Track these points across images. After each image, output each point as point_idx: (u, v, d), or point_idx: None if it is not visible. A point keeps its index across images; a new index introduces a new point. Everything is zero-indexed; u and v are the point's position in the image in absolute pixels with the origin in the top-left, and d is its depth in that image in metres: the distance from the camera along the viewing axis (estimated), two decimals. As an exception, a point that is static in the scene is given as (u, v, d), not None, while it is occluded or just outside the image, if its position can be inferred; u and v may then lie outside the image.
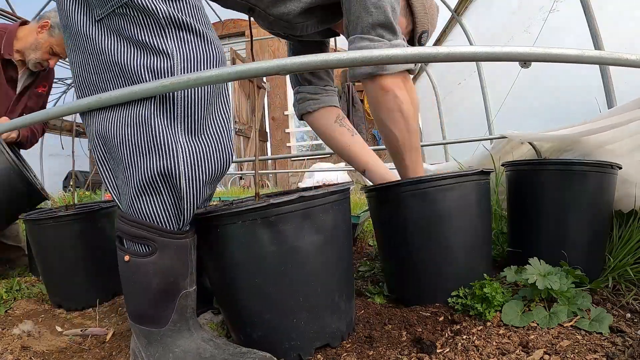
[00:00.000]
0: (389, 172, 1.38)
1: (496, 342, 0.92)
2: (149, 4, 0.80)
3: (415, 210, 1.16)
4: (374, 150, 1.56)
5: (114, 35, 0.84)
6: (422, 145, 4.92)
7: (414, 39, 1.27)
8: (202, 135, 0.86)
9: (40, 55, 1.92)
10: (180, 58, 0.82)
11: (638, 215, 1.32)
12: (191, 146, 0.83)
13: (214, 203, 1.25)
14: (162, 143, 0.81)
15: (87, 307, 1.49)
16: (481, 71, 3.70)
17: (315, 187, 1.05)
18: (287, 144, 7.27)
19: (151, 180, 0.83)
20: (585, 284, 1.14)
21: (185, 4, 0.85)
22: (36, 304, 1.56)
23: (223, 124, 0.90)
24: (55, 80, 2.35)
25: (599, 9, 1.92)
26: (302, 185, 5.46)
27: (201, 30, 0.85)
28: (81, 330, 1.24)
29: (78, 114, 0.87)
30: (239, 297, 0.94)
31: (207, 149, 0.86)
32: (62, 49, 1.92)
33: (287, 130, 7.26)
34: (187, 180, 0.84)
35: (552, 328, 0.95)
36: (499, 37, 3.23)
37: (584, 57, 0.67)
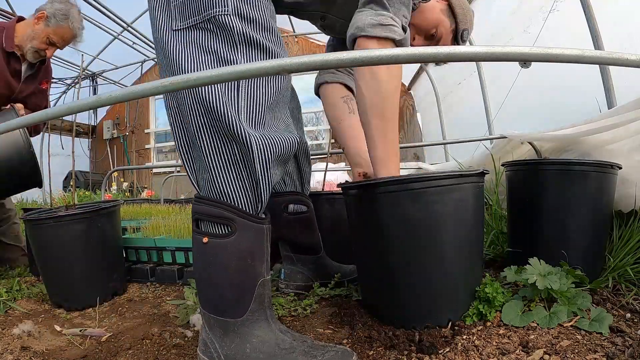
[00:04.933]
0: (366, 156, 1.28)
1: (496, 342, 0.92)
2: (228, 22, 0.91)
3: (410, 214, 1.03)
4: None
5: (188, 44, 0.93)
6: (422, 145, 4.91)
7: (457, 36, 1.40)
8: (263, 128, 0.94)
9: (37, 44, 1.96)
10: None
11: (638, 215, 1.32)
12: (256, 132, 0.90)
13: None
14: (236, 128, 0.87)
15: (87, 307, 1.49)
16: (481, 71, 3.70)
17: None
18: (287, 144, 7.32)
19: (231, 162, 0.89)
20: (585, 284, 1.14)
21: (259, 25, 0.95)
22: (36, 304, 1.56)
23: (282, 124, 1.00)
24: (54, 80, 2.40)
25: (599, 9, 1.92)
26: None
27: (269, 48, 0.95)
28: (80, 331, 1.24)
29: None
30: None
31: (270, 135, 0.92)
32: (59, 38, 1.98)
33: (287, 130, 7.31)
34: (259, 160, 0.89)
35: (552, 328, 0.95)
36: (498, 37, 3.23)
37: (584, 57, 0.67)
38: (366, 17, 1.09)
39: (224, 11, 0.91)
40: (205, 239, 0.89)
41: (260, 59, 0.93)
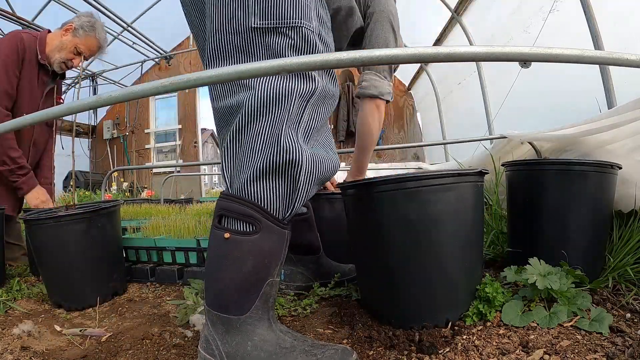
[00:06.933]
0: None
1: (496, 342, 0.92)
2: (312, 38, 0.95)
3: (408, 213, 1.03)
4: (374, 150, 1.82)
5: (258, 43, 0.94)
6: (422, 145, 4.89)
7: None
8: (314, 145, 0.99)
9: (65, 55, 2.08)
10: (321, 86, 0.95)
11: (638, 215, 1.32)
12: (309, 150, 0.94)
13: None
14: (289, 144, 0.90)
15: (87, 307, 1.49)
16: (481, 71, 3.70)
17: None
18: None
19: (274, 167, 0.90)
20: (585, 284, 1.14)
21: (330, 50, 1.03)
22: (36, 304, 1.56)
23: (327, 141, 1.06)
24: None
25: (599, 9, 1.92)
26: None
27: (334, 74, 1.04)
28: (80, 331, 1.24)
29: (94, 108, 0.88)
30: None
31: (321, 154, 0.97)
32: (86, 47, 2.11)
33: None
34: (305, 174, 0.91)
35: (552, 328, 0.95)
36: (498, 37, 3.23)
37: (584, 57, 0.67)
38: (384, 86, 1.62)
39: (309, 27, 0.94)
40: (227, 235, 0.90)
41: (327, 79, 0.99)
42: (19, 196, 2.12)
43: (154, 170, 7.90)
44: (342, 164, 5.97)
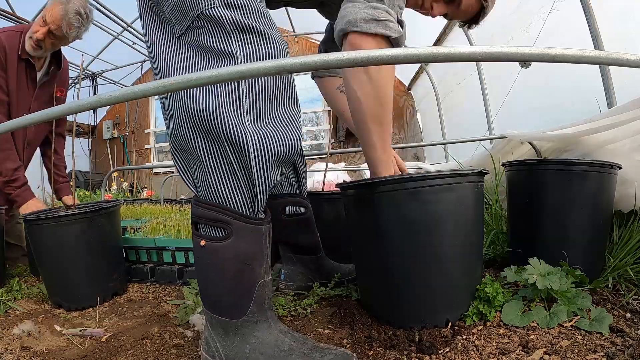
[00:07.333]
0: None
1: (496, 342, 0.92)
2: (216, 13, 0.88)
3: (408, 213, 1.03)
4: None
5: (190, 48, 0.93)
6: (422, 145, 4.88)
7: (485, 12, 1.36)
8: (267, 123, 0.90)
9: (33, 28, 1.92)
10: (243, 57, 0.88)
11: (638, 215, 1.32)
12: (257, 132, 0.88)
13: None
14: (232, 131, 0.85)
15: (87, 307, 1.49)
16: (481, 71, 3.70)
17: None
18: (287, 144, 7.33)
19: (225, 164, 0.87)
20: (585, 284, 1.14)
21: (248, 9, 0.91)
22: (36, 304, 1.56)
23: (287, 115, 0.94)
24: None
25: (599, 9, 1.92)
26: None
27: (263, 31, 0.91)
28: (80, 331, 1.24)
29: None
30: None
31: (273, 133, 0.89)
32: (49, 15, 1.89)
33: (287, 130, 7.31)
34: (256, 162, 0.87)
35: (552, 328, 0.95)
36: (498, 37, 3.23)
37: (584, 57, 0.67)
38: (359, 10, 0.99)
39: (211, 4, 0.89)
40: (203, 242, 0.88)
41: (256, 43, 0.90)
42: (15, 208, 2.06)
43: (154, 170, 7.90)
44: (342, 164, 5.97)
